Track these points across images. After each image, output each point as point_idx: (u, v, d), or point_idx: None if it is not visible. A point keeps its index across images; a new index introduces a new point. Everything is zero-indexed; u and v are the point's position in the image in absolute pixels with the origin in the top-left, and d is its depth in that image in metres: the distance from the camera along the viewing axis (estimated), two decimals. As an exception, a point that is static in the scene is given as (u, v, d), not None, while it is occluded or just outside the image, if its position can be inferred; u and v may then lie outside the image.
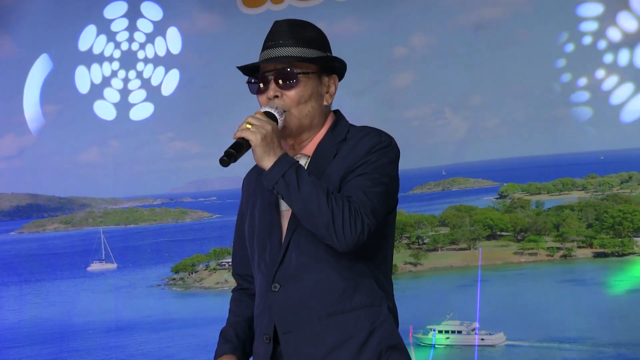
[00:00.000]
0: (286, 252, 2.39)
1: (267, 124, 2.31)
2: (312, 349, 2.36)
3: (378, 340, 2.38)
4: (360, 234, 2.27)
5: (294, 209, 2.29)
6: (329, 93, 2.51)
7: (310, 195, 2.25)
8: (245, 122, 2.33)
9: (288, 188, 2.26)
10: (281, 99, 2.44)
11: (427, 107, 17.05)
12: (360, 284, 2.39)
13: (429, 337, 14.12)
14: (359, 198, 2.31)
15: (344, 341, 2.35)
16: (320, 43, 2.49)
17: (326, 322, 2.35)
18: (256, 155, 2.31)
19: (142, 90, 8.32)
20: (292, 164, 2.29)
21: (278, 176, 2.27)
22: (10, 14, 7.92)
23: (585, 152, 15.58)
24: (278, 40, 2.45)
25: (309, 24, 2.50)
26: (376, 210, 2.32)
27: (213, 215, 21.79)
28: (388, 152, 2.41)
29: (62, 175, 19.93)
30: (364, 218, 2.28)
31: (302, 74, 2.43)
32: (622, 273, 14.97)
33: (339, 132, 2.48)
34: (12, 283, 19.46)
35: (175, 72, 8.18)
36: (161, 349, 15.68)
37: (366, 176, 2.35)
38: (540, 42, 12.40)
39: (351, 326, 2.37)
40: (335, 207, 2.25)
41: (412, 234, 16.34)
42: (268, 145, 2.29)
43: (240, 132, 2.32)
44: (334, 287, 2.36)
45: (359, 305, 2.38)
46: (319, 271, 2.37)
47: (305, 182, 2.26)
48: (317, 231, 2.28)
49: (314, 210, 2.25)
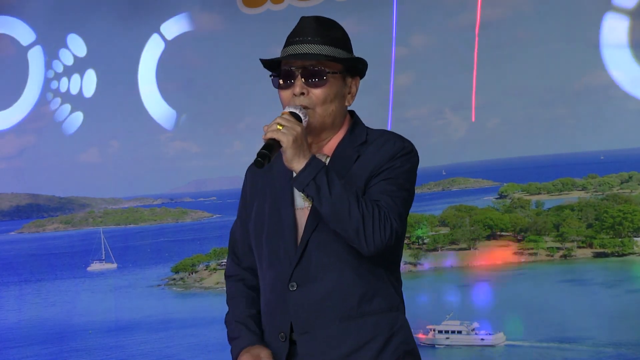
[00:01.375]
0: (304, 251, 2.39)
1: (297, 126, 2.31)
2: (329, 351, 2.35)
3: (396, 346, 2.37)
4: (389, 239, 2.27)
5: (324, 212, 2.29)
6: (351, 94, 2.51)
7: (341, 198, 2.26)
8: (275, 122, 2.32)
9: (319, 191, 2.26)
10: (307, 96, 2.43)
11: (427, 107, 17.04)
12: (380, 288, 2.39)
13: (429, 337, 14.13)
14: (387, 203, 2.31)
15: (362, 345, 2.35)
16: (346, 43, 2.50)
17: (346, 324, 2.34)
18: (286, 156, 2.30)
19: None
20: (322, 166, 2.28)
21: (309, 179, 2.26)
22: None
23: (585, 152, 15.59)
24: (306, 37, 2.43)
25: (336, 23, 2.50)
26: (402, 214, 2.33)
27: (213, 215, 21.80)
28: (411, 158, 2.43)
29: (62, 175, 19.97)
30: (393, 222, 2.28)
31: (331, 73, 2.43)
32: (622, 273, 14.98)
33: (358, 134, 2.48)
34: (12, 283, 19.47)
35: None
36: (161, 349, 15.68)
37: (391, 181, 2.36)
38: (540, 42, 12.40)
39: (370, 330, 2.36)
40: (365, 212, 2.25)
41: (412, 234, 16.35)
42: (299, 148, 2.29)
43: (271, 133, 2.31)
44: (355, 290, 2.35)
45: (378, 310, 2.37)
46: (339, 273, 2.36)
47: (336, 186, 2.26)
48: (345, 234, 2.27)
49: (345, 214, 2.25)
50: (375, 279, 2.43)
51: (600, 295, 14.72)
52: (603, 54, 5.56)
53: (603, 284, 15.07)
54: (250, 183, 2.66)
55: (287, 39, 2.50)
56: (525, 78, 12.97)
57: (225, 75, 13.83)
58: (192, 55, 11.71)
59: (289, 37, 2.50)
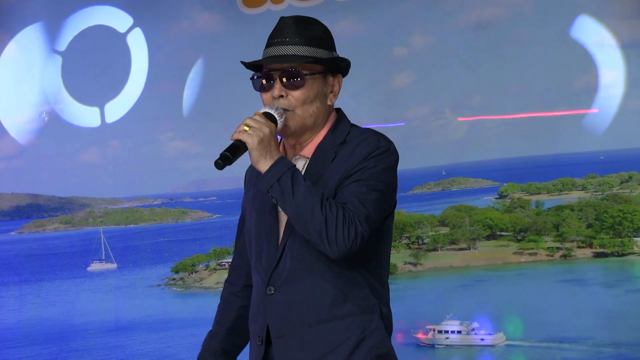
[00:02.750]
0: (281, 256, 2.39)
1: (265, 127, 2.29)
2: (302, 355, 2.36)
3: (367, 349, 2.38)
4: (353, 242, 2.26)
5: (288, 214, 2.28)
6: (333, 92, 2.49)
7: (304, 201, 2.24)
8: (243, 123, 2.31)
9: (282, 193, 2.25)
10: (286, 98, 2.42)
11: (427, 107, 17.06)
12: (351, 292, 2.38)
13: (428, 337, 14.12)
14: (353, 205, 2.29)
15: (333, 348, 2.35)
16: (326, 42, 2.47)
17: (316, 328, 2.35)
18: (252, 158, 2.30)
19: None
20: (287, 168, 2.27)
21: (273, 180, 2.26)
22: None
23: (585, 152, 15.59)
24: (284, 38, 2.42)
25: (315, 21, 2.48)
26: (370, 217, 2.31)
27: (213, 215, 21.79)
28: (385, 158, 2.39)
29: (62, 175, 19.95)
30: (358, 226, 2.26)
31: (309, 74, 2.41)
32: (622, 273, 14.97)
33: (339, 133, 2.46)
34: (12, 283, 19.46)
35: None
36: (161, 349, 15.68)
37: (362, 182, 2.33)
38: (540, 42, 12.40)
39: (341, 333, 2.36)
40: (329, 214, 2.23)
41: (412, 234, 16.34)
42: (265, 149, 2.28)
43: (237, 134, 2.31)
44: (325, 294, 2.36)
45: (349, 313, 2.37)
46: (310, 277, 2.36)
47: (300, 188, 2.25)
48: (309, 237, 2.27)
49: (307, 217, 2.24)
50: (348, 283, 2.43)
51: (600, 295, 14.72)
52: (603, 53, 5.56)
53: (603, 284, 15.06)
54: (248, 183, 2.66)
55: (267, 40, 2.49)
56: (525, 78, 12.95)
57: (226, 75, 13.82)
58: (192, 55, 11.70)
59: (269, 37, 2.49)
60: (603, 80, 7.85)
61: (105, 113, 8.46)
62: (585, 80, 8.55)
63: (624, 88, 7.78)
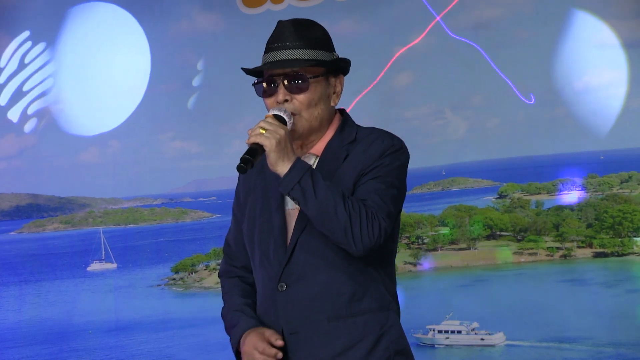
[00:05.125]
0: (293, 252, 2.39)
1: (280, 129, 2.30)
2: (319, 351, 2.36)
3: (386, 345, 2.38)
4: (378, 238, 2.27)
5: (310, 214, 2.29)
6: (336, 93, 2.50)
7: (327, 200, 2.25)
8: (258, 127, 2.31)
9: (304, 194, 2.26)
10: (291, 102, 2.42)
11: (427, 107, 17.07)
12: (369, 288, 2.39)
13: (428, 337, 14.12)
14: (374, 201, 2.31)
15: (352, 345, 2.35)
16: (326, 43, 2.47)
17: (335, 324, 2.35)
18: (270, 160, 2.30)
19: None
20: (307, 169, 2.28)
21: (294, 182, 2.26)
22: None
23: (585, 152, 15.59)
24: (285, 42, 2.41)
25: (314, 23, 2.48)
26: (391, 213, 2.33)
27: (213, 215, 21.78)
28: (400, 155, 2.42)
29: (62, 175, 19.95)
30: (381, 222, 2.28)
31: (313, 77, 2.41)
32: (622, 273, 14.97)
33: (347, 133, 2.47)
34: (12, 283, 19.45)
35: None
36: (161, 349, 15.68)
37: (380, 179, 2.35)
38: (540, 42, 12.41)
39: (360, 330, 2.36)
40: (352, 212, 2.25)
41: (412, 234, 16.34)
42: (282, 151, 2.28)
43: (254, 137, 2.31)
44: (344, 290, 2.36)
45: (368, 309, 2.38)
46: (328, 273, 2.36)
47: (321, 187, 2.26)
48: (333, 236, 2.27)
49: (331, 216, 2.25)
50: (365, 279, 2.43)
51: (600, 295, 14.72)
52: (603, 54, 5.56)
53: (603, 283, 15.07)
54: (243, 184, 2.66)
55: (266, 45, 2.48)
56: (525, 78, 12.96)
57: (226, 75, 13.84)
58: (192, 55, 11.71)
59: (268, 43, 2.48)
60: (603, 81, 7.85)
61: (106, 113, 8.48)
62: (585, 80, 8.58)
63: (624, 88, 7.79)
